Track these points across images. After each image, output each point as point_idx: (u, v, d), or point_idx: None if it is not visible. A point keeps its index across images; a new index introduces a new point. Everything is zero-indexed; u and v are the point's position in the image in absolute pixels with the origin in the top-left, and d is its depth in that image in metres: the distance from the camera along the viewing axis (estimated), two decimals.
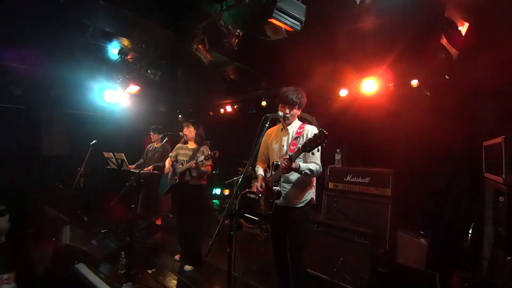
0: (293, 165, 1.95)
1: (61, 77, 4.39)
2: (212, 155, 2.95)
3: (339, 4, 2.52)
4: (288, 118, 2.20)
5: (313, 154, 2.06)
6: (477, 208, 2.92)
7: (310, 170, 2.03)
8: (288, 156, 1.94)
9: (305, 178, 2.16)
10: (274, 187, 2.10)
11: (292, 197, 2.17)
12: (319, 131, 1.72)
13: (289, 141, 2.21)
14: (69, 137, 5.15)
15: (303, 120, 2.37)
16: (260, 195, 2.34)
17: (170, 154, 3.44)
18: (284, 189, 2.17)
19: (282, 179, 2.15)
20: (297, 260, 2.19)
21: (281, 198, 2.15)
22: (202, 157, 2.99)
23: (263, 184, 2.24)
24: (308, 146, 1.78)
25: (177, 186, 3.23)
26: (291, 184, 2.18)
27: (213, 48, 2.93)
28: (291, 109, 2.17)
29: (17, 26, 3.09)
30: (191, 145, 3.31)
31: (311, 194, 2.24)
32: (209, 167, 3.21)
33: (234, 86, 5.23)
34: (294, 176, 2.16)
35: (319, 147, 1.78)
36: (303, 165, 2.01)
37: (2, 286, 2.28)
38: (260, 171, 2.39)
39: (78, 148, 4.79)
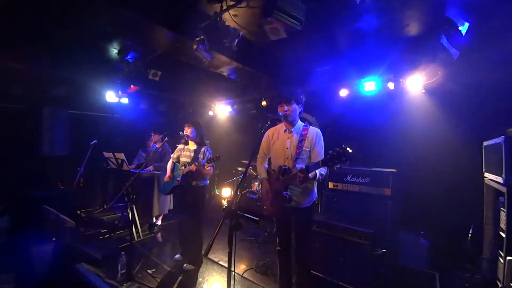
0: (310, 175, 1.95)
1: (61, 77, 4.39)
2: (215, 159, 2.95)
3: (339, 4, 2.52)
4: (289, 115, 2.20)
5: (320, 156, 2.12)
6: (477, 208, 2.91)
7: (322, 175, 2.07)
8: (304, 168, 1.91)
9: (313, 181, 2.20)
10: (284, 192, 2.11)
11: (300, 199, 2.21)
12: (344, 150, 1.68)
13: (294, 144, 2.21)
14: (69, 137, 5.14)
15: (303, 121, 2.37)
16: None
17: (172, 155, 3.41)
18: (293, 191, 2.20)
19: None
20: (304, 259, 2.24)
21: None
22: (204, 160, 2.99)
23: (268, 187, 2.24)
24: (331, 162, 1.76)
25: (179, 187, 3.22)
26: (300, 186, 2.19)
27: (213, 48, 2.93)
28: (288, 106, 2.18)
29: (17, 26, 3.08)
30: (192, 145, 3.29)
31: (315, 194, 2.30)
32: (211, 168, 3.18)
33: (234, 86, 5.23)
34: None
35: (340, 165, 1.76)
36: (318, 173, 2.03)
37: (2, 286, 2.27)
38: (263, 174, 2.38)
39: (78, 148, 4.78)
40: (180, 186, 3.18)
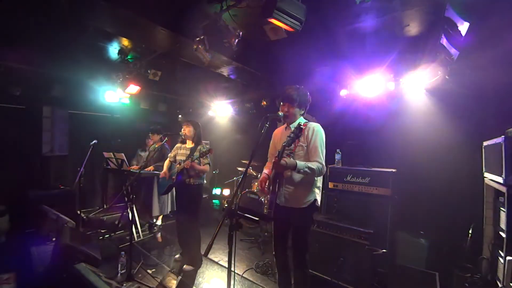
0: (283, 162, 1.90)
1: (61, 77, 4.39)
2: (207, 151, 2.97)
3: (339, 4, 2.52)
4: (288, 117, 2.16)
5: (315, 152, 2.04)
6: (477, 208, 2.92)
7: (309, 168, 1.97)
8: (276, 154, 1.91)
9: (308, 179, 2.11)
10: (270, 186, 2.08)
11: (294, 198, 2.13)
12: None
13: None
14: (69, 137, 5.15)
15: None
16: (264, 195, 2.33)
17: (169, 154, 3.43)
18: (287, 189, 2.14)
19: (284, 179, 2.12)
20: (300, 261, 2.18)
21: (284, 198, 2.14)
22: (197, 155, 3.01)
23: (266, 182, 2.19)
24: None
25: (176, 186, 3.23)
26: (294, 185, 2.13)
27: (213, 48, 2.93)
28: (290, 107, 2.14)
29: (18, 26, 3.09)
30: (189, 144, 3.30)
31: (314, 195, 2.17)
32: (207, 166, 3.19)
33: (234, 86, 5.23)
34: (296, 176, 2.11)
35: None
36: (300, 163, 1.95)
37: (2, 286, 2.28)
38: (265, 170, 2.36)
39: (78, 148, 4.79)
40: (176, 184, 3.19)
